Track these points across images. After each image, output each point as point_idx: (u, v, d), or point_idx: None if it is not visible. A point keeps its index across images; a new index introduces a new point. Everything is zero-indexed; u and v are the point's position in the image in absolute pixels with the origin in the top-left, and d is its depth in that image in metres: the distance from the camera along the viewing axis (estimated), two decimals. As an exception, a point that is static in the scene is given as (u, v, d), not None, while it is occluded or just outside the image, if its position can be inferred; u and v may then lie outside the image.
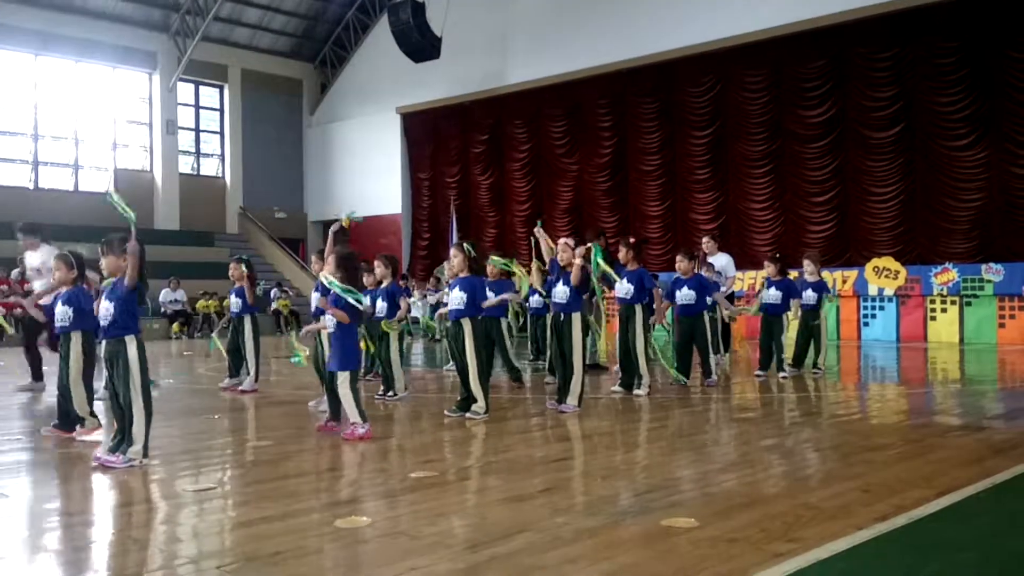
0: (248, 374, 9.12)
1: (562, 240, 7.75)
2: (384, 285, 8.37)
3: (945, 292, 15.67)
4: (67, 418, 6.28)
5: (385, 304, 8.25)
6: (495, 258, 9.08)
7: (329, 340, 6.45)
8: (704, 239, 12.70)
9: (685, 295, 9.15)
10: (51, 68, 23.68)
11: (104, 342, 5.33)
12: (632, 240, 9.23)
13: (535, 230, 8.61)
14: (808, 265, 10.44)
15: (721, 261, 12.18)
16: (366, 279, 9.07)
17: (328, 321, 6.28)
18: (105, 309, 5.26)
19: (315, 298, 7.48)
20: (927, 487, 4.43)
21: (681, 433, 6.51)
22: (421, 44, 21.86)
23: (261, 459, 5.54)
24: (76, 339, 6.18)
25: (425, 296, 17.75)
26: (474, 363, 6.98)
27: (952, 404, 8.17)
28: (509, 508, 4.14)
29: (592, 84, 21.66)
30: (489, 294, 9.06)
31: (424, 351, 15.81)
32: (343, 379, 6.17)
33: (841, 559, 3.32)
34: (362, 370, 8.29)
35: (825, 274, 16.51)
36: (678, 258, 9.42)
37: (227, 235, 26.86)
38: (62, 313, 6.17)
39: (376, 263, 8.50)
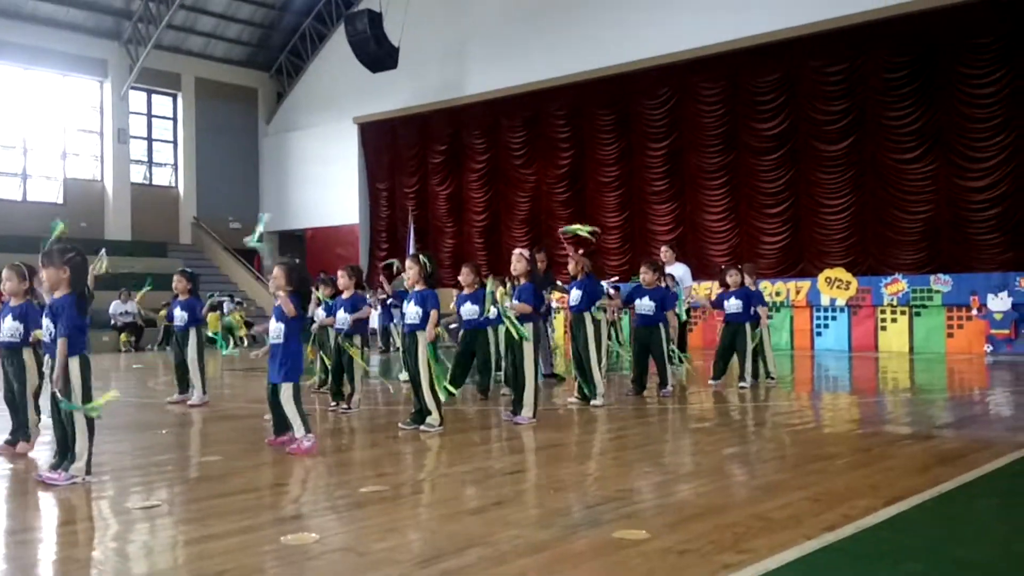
0: (195, 388, 8.99)
1: (516, 251, 7.74)
2: (345, 296, 8.29)
3: (895, 302, 15.94)
4: (17, 434, 6.13)
5: (347, 315, 8.17)
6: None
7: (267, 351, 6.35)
8: (663, 248, 12.85)
9: (645, 305, 9.19)
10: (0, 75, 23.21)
11: (48, 358, 5.20)
12: (581, 252, 9.29)
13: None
14: (744, 275, 10.54)
15: (679, 271, 12.30)
16: (324, 291, 9.00)
17: (273, 331, 6.19)
18: (47, 326, 5.13)
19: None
20: (875, 496, 4.48)
21: (636, 444, 6.52)
22: (378, 54, 21.76)
23: (209, 474, 5.44)
24: (27, 354, 6.01)
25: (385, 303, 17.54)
26: (426, 375, 6.93)
27: (902, 413, 8.29)
28: (461, 522, 4.11)
29: (550, 95, 21.73)
30: (471, 306, 8.95)
31: (380, 363, 15.70)
32: (286, 390, 6.09)
33: (790, 569, 3.33)
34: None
35: (779, 284, 16.87)
36: (642, 268, 9.47)
37: (180, 246, 26.45)
38: (11, 328, 5.97)
39: (340, 273, 8.42)
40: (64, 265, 5.16)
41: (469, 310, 8.92)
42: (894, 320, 15.99)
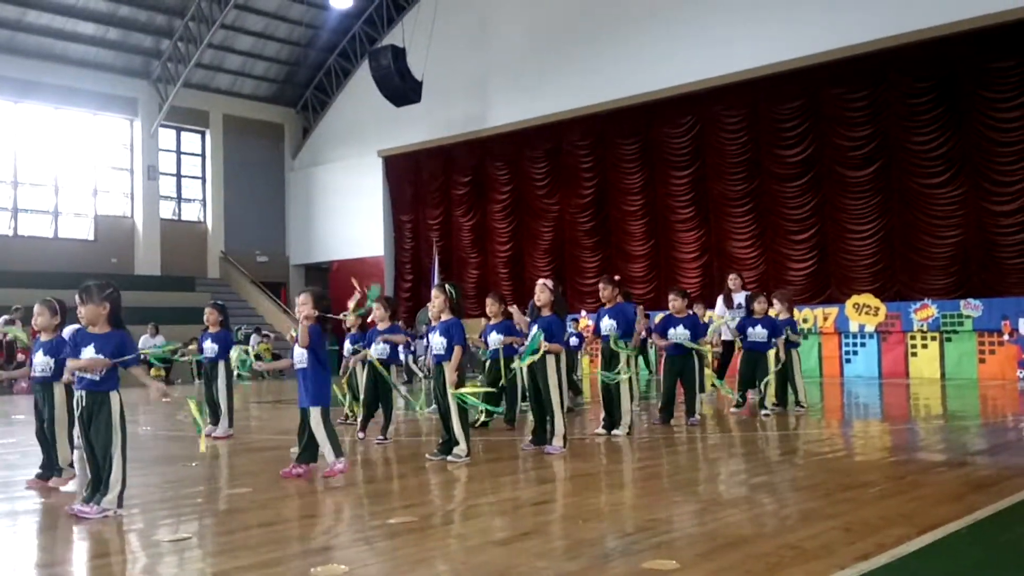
0: (222, 420, 9.06)
1: (540, 281, 7.75)
2: (381, 327, 8.33)
3: (925, 328, 15.77)
4: (49, 468, 6.19)
5: (387, 347, 8.21)
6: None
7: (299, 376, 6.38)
8: (731, 276, 12.72)
9: (678, 333, 9.17)
10: (32, 115, 23.70)
11: (82, 393, 5.26)
12: (616, 278, 9.27)
13: None
14: (777, 305, 10.51)
15: (739, 299, 12.04)
16: (354, 320, 9.03)
17: (297, 357, 6.23)
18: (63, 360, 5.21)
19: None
20: (909, 525, 4.41)
21: (664, 473, 6.47)
22: (402, 88, 22.04)
23: (238, 507, 5.45)
24: (59, 390, 6.08)
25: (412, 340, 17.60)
26: (455, 406, 6.93)
27: (934, 440, 8.17)
28: (489, 553, 4.09)
29: (572, 125, 21.87)
30: (497, 336, 8.99)
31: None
32: (315, 414, 6.13)
33: (823, 600, 3.29)
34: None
35: (807, 311, 16.74)
36: (671, 296, 9.45)
37: (208, 280, 26.75)
38: (43, 363, 6.03)
39: (375, 305, 8.45)
40: (104, 301, 5.24)
41: (495, 340, 8.95)
42: (924, 346, 15.81)
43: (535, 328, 7.44)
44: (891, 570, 3.66)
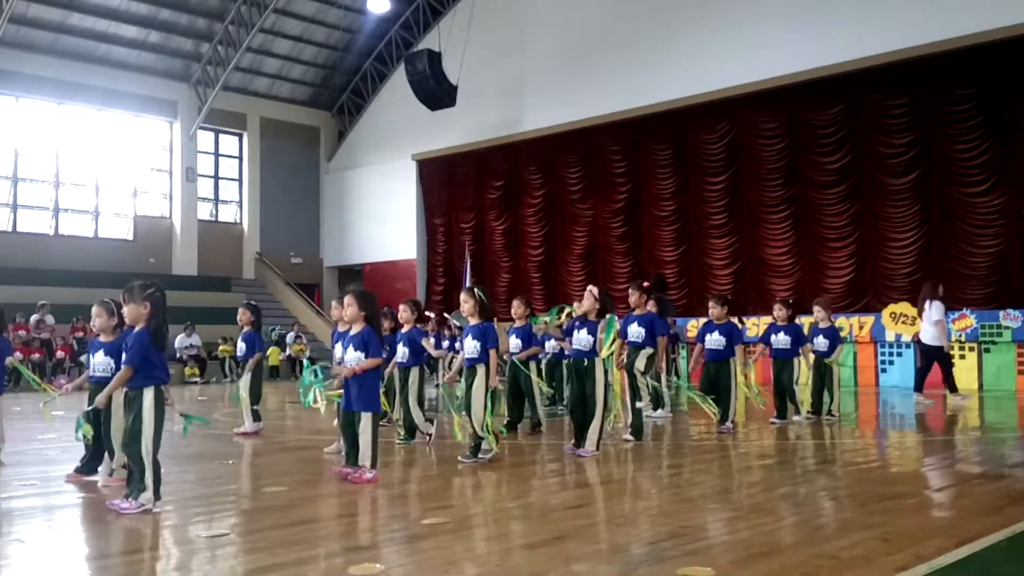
0: (247, 417, 9.20)
1: (589, 288, 7.75)
2: (406, 330, 8.36)
3: (963, 339, 15.53)
4: (90, 463, 6.29)
5: (407, 349, 8.24)
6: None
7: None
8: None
9: (715, 340, 9.13)
10: (73, 116, 24.11)
11: (124, 390, 5.36)
12: (646, 284, 9.25)
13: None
14: (818, 312, 10.44)
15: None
16: (385, 324, 9.10)
17: (349, 359, 6.24)
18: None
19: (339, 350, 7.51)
20: (947, 536, 4.36)
21: (698, 480, 6.44)
22: (437, 92, 22.14)
23: (274, 505, 5.51)
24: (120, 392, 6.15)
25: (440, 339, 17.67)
26: (479, 407, 6.96)
27: (972, 452, 8.05)
28: (522, 556, 4.10)
29: (606, 130, 21.84)
30: (516, 340, 9.13)
31: (441, 395, 15.76)
32: (365, 419, 6.15)
33: (861, 610, 3.26)
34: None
35: (842, 319, 16.54)
36: (711, 303, 9.43)
37: (244, 280, 27.04)
38: (103, 364, 6.11)
39: (402, 307, 8.51)
40: (145, 301, 5.31)
41: (515, 343, 9.08)
42: (962, 356, 15.56)
43: (583, 331, 7.44)
44: (930, 582, 3.62)
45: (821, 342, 10.28)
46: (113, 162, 24.97)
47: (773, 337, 10.08)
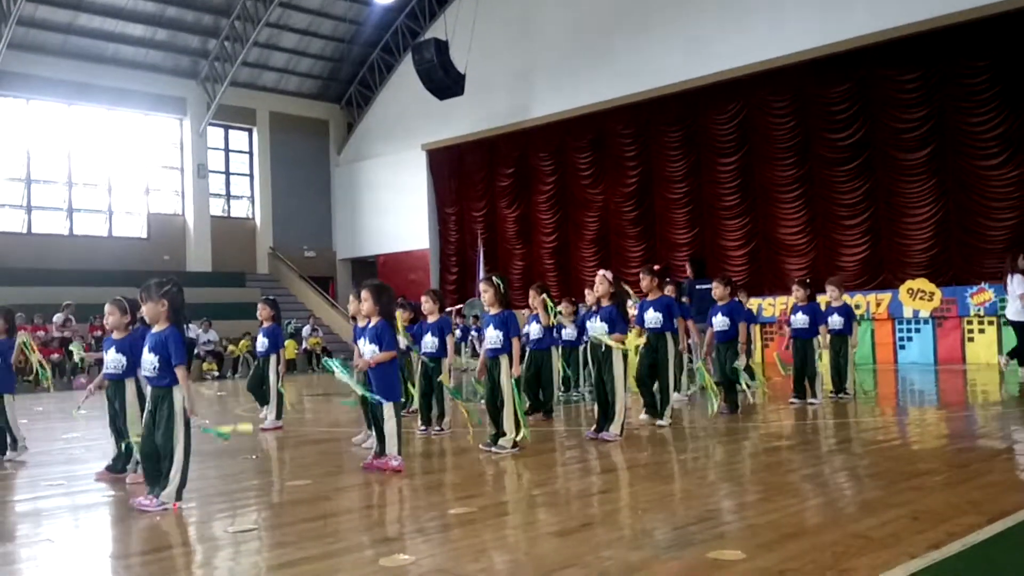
0: (270, 412, 9.22)
1: (600, 272, 7.73)
2: (431, 320, 8.36)
3: (982, 313, 15.43)
4: (119, 461, 6.33)
5: (436, 339, 8.24)
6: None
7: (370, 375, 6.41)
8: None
9: (720, 321, 9.13)
10: (84, 116, 24.19)
11: (149, 389, 5.38)
12: (656, 268, 9.22)
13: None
14: (832, 291, 10.40)
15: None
16: (403, 315, 9.11)
17: (367, 354, 6.27)
18: (149, 361, 5.29)
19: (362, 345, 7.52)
20: (977, 513, 4.33)
21: (720, 463, 6.43)
22: (445, 82, 22.09)
23: (299, 498, 5.52)
24: (130, 386, 6.19)
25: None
26: (509, 399, 6.95)
27: (995, 427, 7.99)
28: (551, 543, 4.10)
29: (616, 114, 21.75)
30: (535, 326, 9.22)
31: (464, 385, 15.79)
32: (388, 409, 6.18)
33: (895, 589, 3.25)
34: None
35: (859, 297, 16.45)
36: (715, 284, 9.42)
37: (258, 275, 27.13)
38: (115, 361, 6.15)
39: (424, 298, 8.52)
40: (162, 299, 5.32)
41: (536, 329, 9.18)
42: (981, 331, 15.48)
43: (597, 318, 7.44)
44: (964, 559, 3.60)
45: (836, 320, 10.24)
46: (125, 161, 25.06)
47: (792, 317, 10.05)
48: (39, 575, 3.98)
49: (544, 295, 9.45)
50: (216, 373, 21.01)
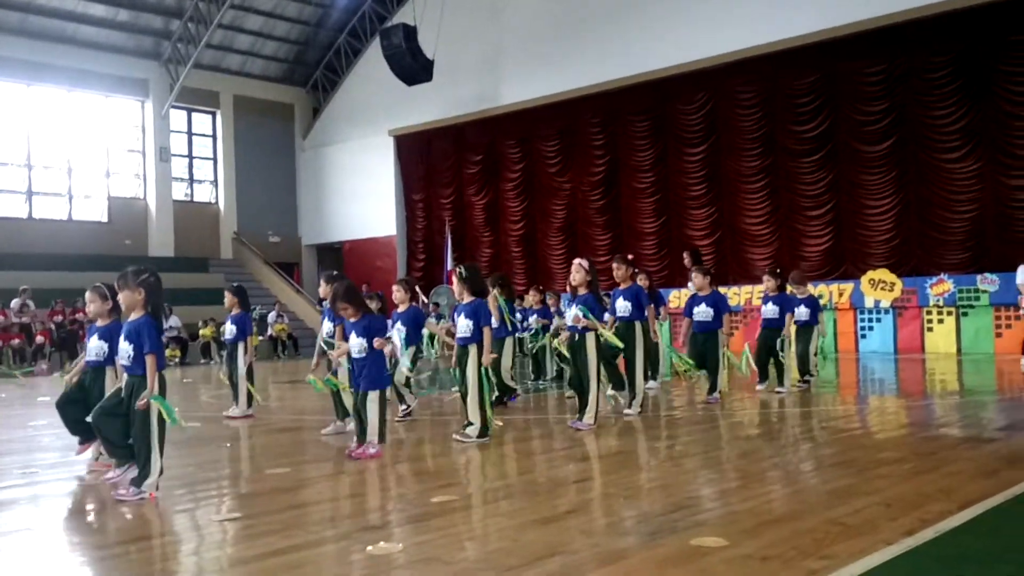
0: (239, 401, 9.18)
1: (576, 261, 7.78)
2: (402, 309, 8.38)
3: (941, 303, 15.79)
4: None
5: (405, 328, 8.25)
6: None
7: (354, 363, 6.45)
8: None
9: (702, 312, 9.21)
10: (44, 98, 23.71)
11: (126, 377, 5.35)
12: (630, 257, 9.29)
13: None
14: (796, 288, 10.59)
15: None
16: (372, 305, 9.11)
17: (353, 347, 6.32)
18: (125, 349, 5.26)
19: (326, 327, 7.53)
20: (948, 500, 4.48)
21: (696, 451, 6.54)
22: (413, 67, 21.99)
23: (281, 486, 5.53)
24: (110, 373, 6.12)
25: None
26: (475, 389, 7.00)
27: (956, 416, 8.21)
28: (537, 531, 4.17)
29: (584, 103, 21.81)
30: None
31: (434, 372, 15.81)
32: (373, 397, 6.24)
33: (878, 574, 3.35)
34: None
35: (821, 287, 16.73)
36: (693, 274, 9.52)
37: (222, 261, 26.84)
38: (97, 348, 6.08)
39: (395, 288, 8.53)
40: (139, 287, 5.29)
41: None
42: (941, 321, 15.84)
43: (574, 307, 7.51)
44: (939, 544, 3.73)
45: (803, 311, 10.40)
46: (85, 143, 24.61)
47: (763, 307, 10.21)
48: (20, 565, 3.95)
49: (495, 290, 9.19)
50: (178, 359, 20.79)
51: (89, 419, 5.51)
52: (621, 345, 7.92)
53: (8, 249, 21.95)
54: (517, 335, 11.87)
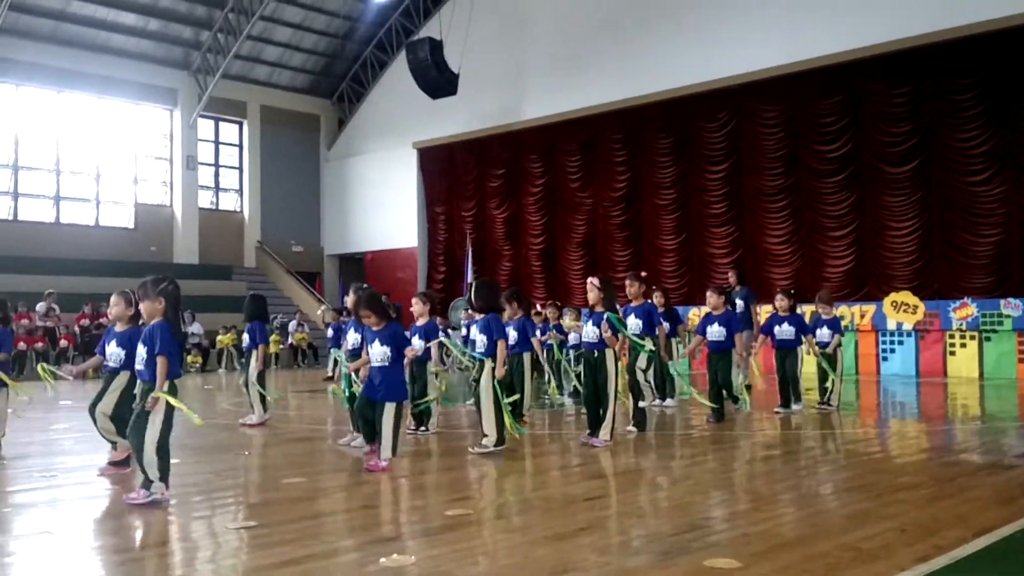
0: (254, 408, 9.27)
1: (589, 280, 7.80)
2: (420, 323, 8.41)
3: (964, 327, 15.64)
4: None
5: (423, 342, 8.29)
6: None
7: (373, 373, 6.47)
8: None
9: (715, 331, 9.20)
10: (73, 104, 24.05)
11: (140, 382, 5.42)
12: (643, 274, 9.31)
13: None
14: (821, 306, 10.53)
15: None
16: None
17: (375, 355, 6.34)
18: (140, 355, 5.33)
19: (352, 337, 7.56)
20: (964, 527, 4.45)
21: (711, 471, 6.52)
22: (438, 81, 22.13)
23: (297, 496, 5.57)
24: (123, 377, 6.18)
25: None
26: (489, 402, 7.03)
27: (977, 442, 8.14)
28: (550, 547, 4.18)
29: (607, 119, 21.85)
30: (511, 332, 9.23)
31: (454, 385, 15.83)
32: (390, 409, 6.25)
33: (887, 601, 3.34)
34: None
35: (843, 308, 16.62)
36: (708, 293, 9.50)
37: (245, 269, 27.04)
38: (115, 354, 6.13)
39: (414, 300, 8.57)
40: (159, 296, 5.36)
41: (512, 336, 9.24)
42: (963, 345, 15.69)
43: (589, 323, 7.52)
44: (953, 572, 3.71)
45: (825, 332, 10.34)
46: (113, 150, 24.92)
47: (776, 328, 10.13)
48: (39, 568, 4.01)
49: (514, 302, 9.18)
50: (200, 365, 20.95)
51: (126, 438, 5.56)
52: (645, 345, 7.96)
53: (35, 253, 22.23)
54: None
